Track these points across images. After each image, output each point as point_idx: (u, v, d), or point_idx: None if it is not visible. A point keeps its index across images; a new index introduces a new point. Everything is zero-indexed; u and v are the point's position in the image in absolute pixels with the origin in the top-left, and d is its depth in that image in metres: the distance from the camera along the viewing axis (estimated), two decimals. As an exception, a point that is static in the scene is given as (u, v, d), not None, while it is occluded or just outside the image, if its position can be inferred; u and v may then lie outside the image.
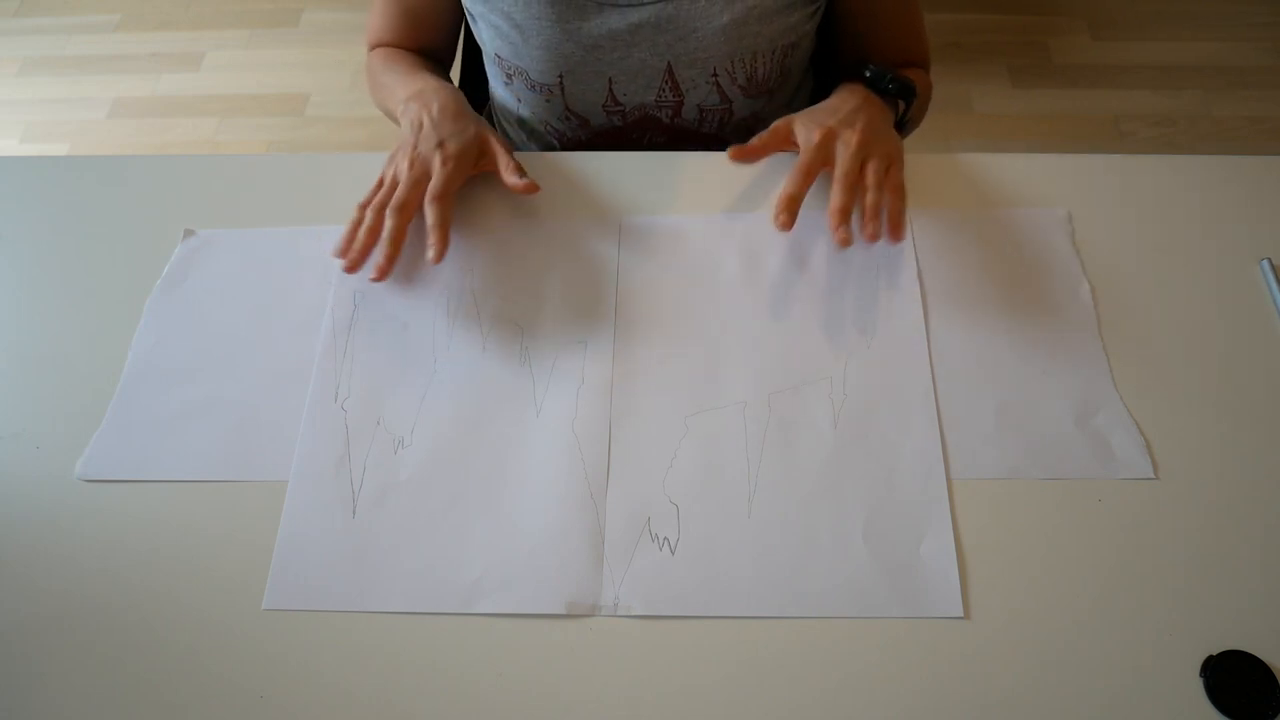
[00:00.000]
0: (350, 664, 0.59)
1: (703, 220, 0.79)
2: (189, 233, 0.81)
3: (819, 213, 0.78)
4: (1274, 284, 0.72)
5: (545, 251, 0.78)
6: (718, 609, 0.60)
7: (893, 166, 0.75)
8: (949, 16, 2.06)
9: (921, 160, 0.82)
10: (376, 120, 0.84)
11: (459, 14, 0.96)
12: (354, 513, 0.65)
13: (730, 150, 0.77)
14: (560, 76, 0.86)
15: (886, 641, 0.58)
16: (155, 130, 2.05)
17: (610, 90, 0.87)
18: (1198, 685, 0.56)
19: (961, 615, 0.59)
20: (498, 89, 0.98)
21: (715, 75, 0.85)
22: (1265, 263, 0.73)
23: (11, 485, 0.67)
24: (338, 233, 0.78)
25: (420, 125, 0.78)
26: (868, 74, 0.82)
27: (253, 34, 2.20)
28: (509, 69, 0.89)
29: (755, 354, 0.71)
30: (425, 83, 0.84)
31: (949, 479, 0.64)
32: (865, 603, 0.60)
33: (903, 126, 0.85)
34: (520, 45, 0.85)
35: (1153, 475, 0.64)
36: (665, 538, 0.63)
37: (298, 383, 0.71)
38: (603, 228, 0.79)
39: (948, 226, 0.77)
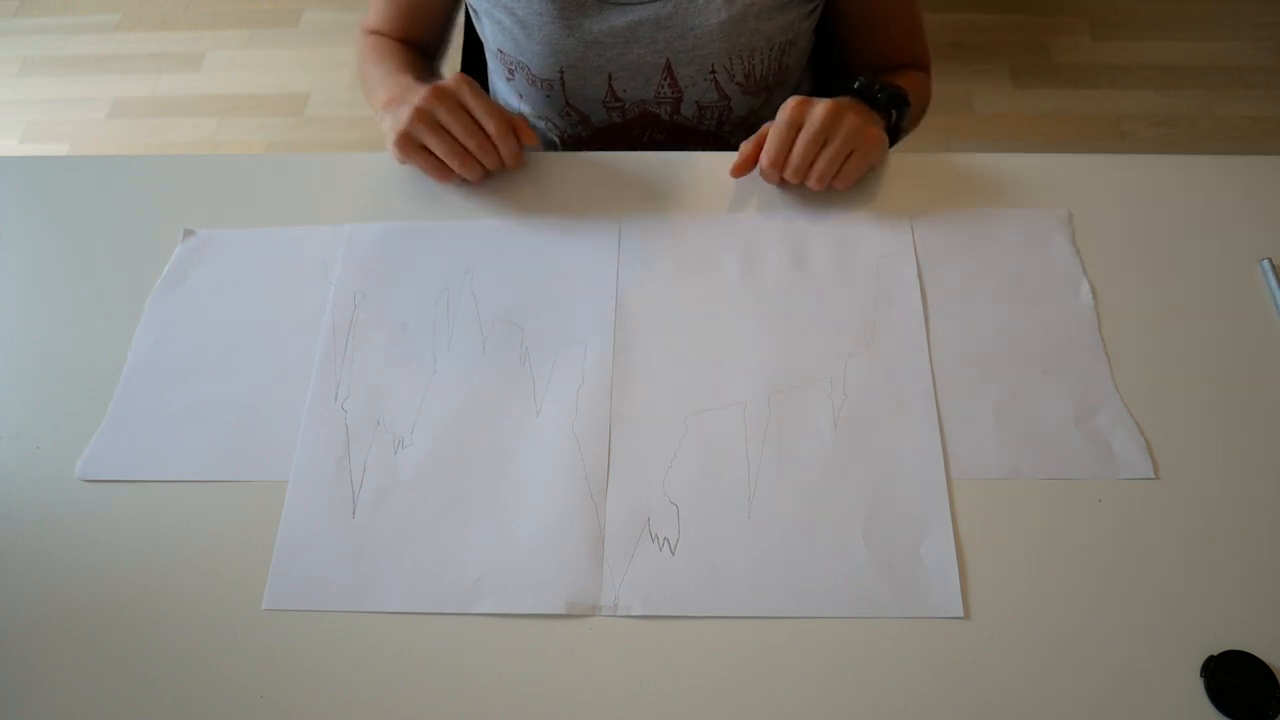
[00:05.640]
0: (350, 664, 0.59)
1: (703, 221, 0.79)
2: (189, 233, 0.81)
3: (817, 213, 0.78)
4: (1274, 284, 0.72)
5: (546, 251, 0.78)
6: (718, 609, 0.60)
7: (855, 153, 0.76)
8: (949, 16, 2.05)
9: (922, 160, 0.82)
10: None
11: (450, 9, 0.96)
12: (354, 513, 0.65)
13: (732, 169, 0.78)
14: (561, 71, 0.86)
15: (886, 641, 0.58)
16: (155, 130, 2.05)
17: (610, 86, 0.87)
18: (1198, 685, 0.56)
19: (961, 615, 0.59)
20: (499, 84, 0.98)
21: (714, 72, 0.85)
22: (1265, 263, 0.73)
23: (11, 485, 0.67)
24: (337, 231, 0.78)
25: (402, 103, 0.78)
26: (856, 85, 0.82)
27: (253, 34, 2.20)
28: (510, 64, 0.89)
29: (755, 354, 0.71)
30: (404, 87, 0.83)
31: (949, 479, 0.64)
32: (865, 603, 0.60)
33: (896, 134, 0.85)
34: (522, 40, 0.85)
35: (1153, 475, 0.64)
36: (665, 538, 0.63)
37: (298, 382, 0.71)
38: (603, 227, 0.79)
39: (948, 227, 0.77)
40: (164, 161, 0.88)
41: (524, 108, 0.96)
